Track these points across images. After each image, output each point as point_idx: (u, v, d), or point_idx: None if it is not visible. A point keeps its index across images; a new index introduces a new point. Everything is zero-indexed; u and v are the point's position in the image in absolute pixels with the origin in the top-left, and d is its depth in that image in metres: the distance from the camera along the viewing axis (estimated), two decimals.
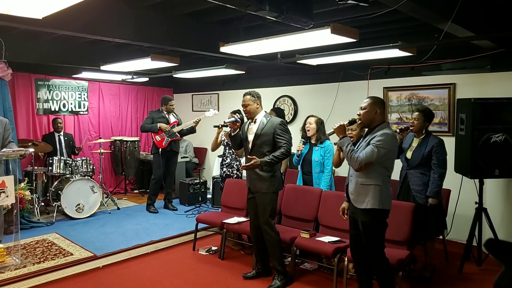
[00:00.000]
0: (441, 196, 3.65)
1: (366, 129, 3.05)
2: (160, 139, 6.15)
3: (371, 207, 2.84)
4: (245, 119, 3.85)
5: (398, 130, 3.72)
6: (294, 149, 4.44)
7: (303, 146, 4.33)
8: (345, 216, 3.17)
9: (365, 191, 2.87)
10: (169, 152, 6.20)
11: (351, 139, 3.21)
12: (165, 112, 6.26)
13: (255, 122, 3.65)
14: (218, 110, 7.80)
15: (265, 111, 3.73)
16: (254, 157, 3.47)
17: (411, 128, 3.73)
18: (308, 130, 4.30)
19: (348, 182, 3.08)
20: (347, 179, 3.10)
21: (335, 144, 3.28)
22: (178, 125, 6.20)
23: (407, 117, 5.28)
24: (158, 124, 6.08)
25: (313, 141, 4.30)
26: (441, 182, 3.59)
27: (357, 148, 2.94)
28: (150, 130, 6.18)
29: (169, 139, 6.12)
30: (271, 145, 3.55)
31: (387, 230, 3.47)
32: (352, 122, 3.09)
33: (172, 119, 6.26)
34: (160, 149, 6.14)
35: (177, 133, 6.16)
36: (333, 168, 4.27)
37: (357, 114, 2.98)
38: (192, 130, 6.17)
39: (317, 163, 4.21)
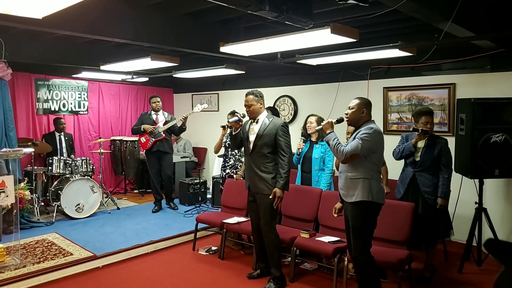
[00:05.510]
0: (449, 196, 3.66)
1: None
2: (144, 140, 6.17)
3: (360, 199, 2.91)
4: (247, 118, 3.79)
5: (420, 130, 3.62)
6: (294, 149, 4.44)
7: (304, 144, 4.34)
8: (336, 214, 3.27)
9: (354, 185, 2.96)
10: (157, 153, 6.18)
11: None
12: (153, 112, 6.26)
13: (257, 122, 3.58)
14: (218, 110, 7.82)
15: (267, 110, 3.67)
16: (275, 190, 3.41)
17: (429, 131, 3.65)
18: (309, 128, 4.32)
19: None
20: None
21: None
22: (166, 123, 6.16)
23: (407, 117, 5.27)
24: (142, 125, 6.11)
25: (313, 139, 4.32)
26: (450, 183, 3.61)
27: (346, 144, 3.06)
28: (137, 132, 6.24)
29: (153, 140, 6.10)
30: (272, 146, 3.51)
31: (386, 230, 3.48)
32: (339, 120, 3.23)
33: (160, 118, 6.23)
34: (145, 150, 6.20)
35: (162, 133, 6.12)
36: (333, 168, 4.27)
37: (345, 114, 3.11)
38: (181, 128, 6.13)
39: (317, 160, 4.22)
